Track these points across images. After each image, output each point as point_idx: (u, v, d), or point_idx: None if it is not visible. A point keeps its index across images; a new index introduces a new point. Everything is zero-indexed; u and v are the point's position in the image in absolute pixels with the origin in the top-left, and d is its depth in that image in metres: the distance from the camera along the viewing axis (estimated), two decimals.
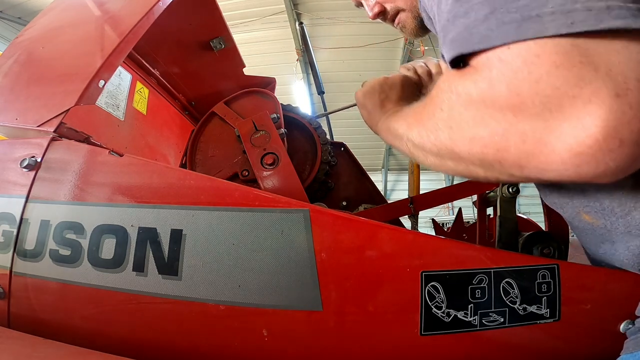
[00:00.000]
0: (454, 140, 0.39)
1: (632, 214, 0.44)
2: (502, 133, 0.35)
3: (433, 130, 0.42)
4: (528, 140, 0.33)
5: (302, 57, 7.80)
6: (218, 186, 0.62)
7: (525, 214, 1.91)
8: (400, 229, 0.60)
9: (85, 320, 0.61)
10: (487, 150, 0.36)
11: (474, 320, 0.55)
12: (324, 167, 1.04)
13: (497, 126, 0.35)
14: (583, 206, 0.49)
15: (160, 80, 1.29)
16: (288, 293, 0.56)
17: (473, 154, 0.38)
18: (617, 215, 0.46)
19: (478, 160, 0.38)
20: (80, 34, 0.82)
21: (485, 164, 0.38)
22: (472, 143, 0.37)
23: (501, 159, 0.36)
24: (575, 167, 0.32)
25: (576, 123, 0.30)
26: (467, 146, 0.38)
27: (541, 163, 0.33)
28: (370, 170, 10.28)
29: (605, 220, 0.48)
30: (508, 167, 0.36)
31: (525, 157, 0.34)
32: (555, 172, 0.33)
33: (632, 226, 0.45)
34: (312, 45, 2.16)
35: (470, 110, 0.37)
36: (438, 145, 0.42)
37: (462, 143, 0.39)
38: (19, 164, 0.67)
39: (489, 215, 1.07)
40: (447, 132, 0.40)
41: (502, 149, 0.35)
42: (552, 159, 0.32)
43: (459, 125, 0.38)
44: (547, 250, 0.72)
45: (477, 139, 0.37)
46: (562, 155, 0.32)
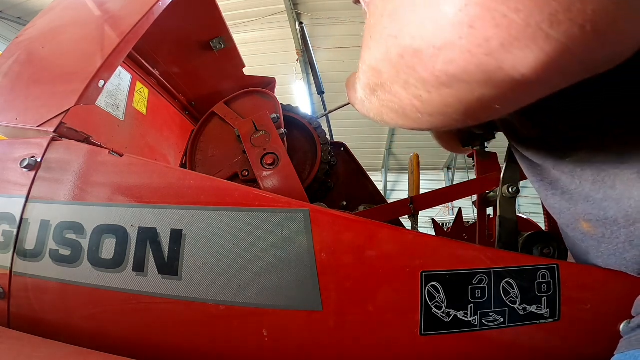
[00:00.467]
0: (372, 50, 0.34)
1: (635, 225, 0.44)
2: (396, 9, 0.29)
3: (362, 56, 0.37)
4: (416, 7, 0.27)
5: (302, 57, 7.80)
6: (218, 186, 0.62)
7: (525, 214, 1.91)
8: (400, 229, 0.60)
9: (85, 320, 0.61)
10: (390, 42, 0.30)
11: (474, 320, 0.55)
12: (324, 167, 1.04)
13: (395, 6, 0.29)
14: (585, 214, 0.49)
15: (160, 80, 1.29)
16: (288, 293, 0.56)
17: (384, 59, 0.32)
18: (619, 225, 0.45)
19: (389, 66, 0.32)
20: (80, 34, 0.82)
21: (395, 68, 0.31)
22: (381, 43, 0.32)
23: (401, 48, 0.29)
24: (468, 28, 0.24)
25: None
26: (380, 50, 0.32)
27: (433, 36, 0.26)
28: (370, 170, 10.29)
29: (605, 230, 0.47)
30: (410, 60, 0.29)
31: (417, 30, 0.27)
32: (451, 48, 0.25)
33: (634, 236, 0.45)
34: (312, 45, 2.16)
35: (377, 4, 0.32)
36: (365, 71, 0.37)
37: (376, 49, 0.33)
38: (19, 164, 0.67)
39: (489, 215, 1.07)
40: (367, 44, 0.35)
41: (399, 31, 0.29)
42: (441, 23, 0.25)
43: (373, 25, 0.33)
44: (547, 250, 0.72)
45: (383, 33, 0.31)
46: (447, 13, 0.24)
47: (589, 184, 0.47)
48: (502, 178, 0.74)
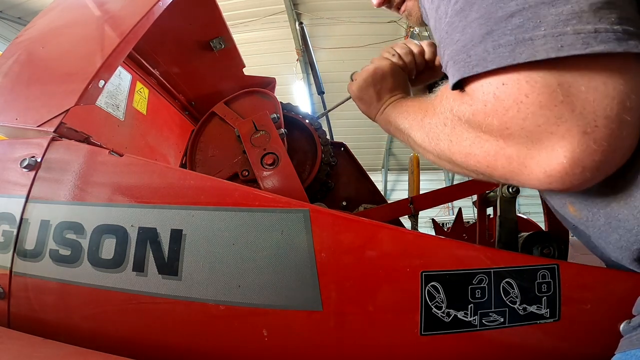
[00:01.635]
0: (452, 152, 0.47)
1: (611, 205, 0.45)
2: (493, 155, 0.42)
3: (435, 138, 0.50)
4: (513, 162, 0.41)
5: (302, 57, 7.80)
6: (218, 186, 0.62)
7: (525, 214, 1.91)
8: (400, 229, 0.60)
9: (85, 320, 0.61)
10: (479, 165, 0.44)
11: (474, 320, 0.55)
12: (324, 167, 1.04)
13: (490, 148, 0.42)
14: (569, 196, 0.51)
15: (160, 80, 1.29)
16: (288, 293, 0.56)
17: (468, 165, 0.46)
18: (598, 206, 0.47)
19: (472, 170, 0.46)
20: (80, 34, 0.82)
21: (477, 173, 0.46)
22: (467, 157, 0.45)
23: (491, 172, 0.44)
24: (547, 184, 0.40)
25: (551, 153, 0.38)
26: (464, 158, 0.46)
27: (522, 180, 0.42)
28: (370, 170, 10.28)
29: (587, 212, 0.49)
30: (496, 178, 0.45)
31: (509, 174, 0.42)
32: (531, 186, 0.42)
33: (611, 217, 0.46)
34: (312, 45, 2.16)
35: (468, 132, 0.44)
36: (438, 151, 0.50)
37: (459, 155, 0.46)
38: (19, 164, 0.67)
39: (489, 215, 1.07)
40: (447, 144, 0.48)
41: (491, 166, 0.43)
42: (531, 178, 0.41)
43: (459, 142, 0.46)
44: (547, 250, 0.72)
45: (472, 155, 0.44)
46: (538, 176, 0.40)
47: None
48: None
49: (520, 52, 0.37)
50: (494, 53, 0.38)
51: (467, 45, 0.41)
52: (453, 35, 0.43)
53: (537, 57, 0.36)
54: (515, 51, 0.37)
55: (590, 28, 0.34)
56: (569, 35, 0.35)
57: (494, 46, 0.38)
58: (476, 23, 0.40)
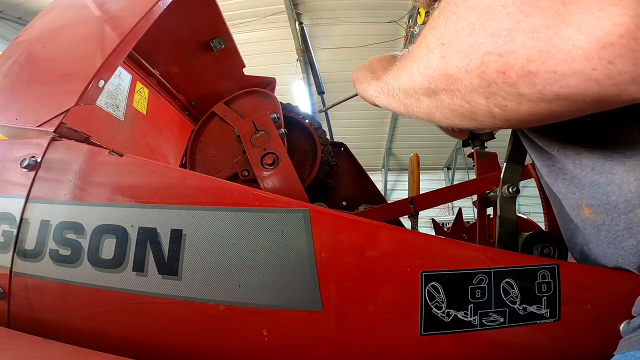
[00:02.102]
0: (447, 58, 0.33)
1: (635, 211, 0.44)
2: (507, 33, 0.28)
3: (423, 56, 0.36)
4: (540, 35, 0.27)
5: (302, 57, 7.80)
6: (218, 186, 0.62)
7: (525, 214, 1.91)
8: (400, 229, 0.60)
9: (85, 320, 0.61)
10: (488, 59, 0.30)
11: (474, 320, 0.55)
12: (324, 167, 1.04)
13: (501, 26, 0.28)
14: (589, 198, 0.49)
15: (160, 80, 1.29)
16: (288, 293, 0.56)
17: (471, 70, 0.31)
18: (619, 211, 0.46)
19: (477, 77, 0.31)
20: (80, 34, 0.82)
21: (486, 80, 0.31)
22: (469, 55, 0.31)
23: (506, 66, 0.29)
24: (607, 63, 0.25)
25: (599, 14, 0.25)
26: (464, 60, 0.32)
27: (559, 62, 0.27)
28: (370, 170, 10.29)
29: (606, 216, 0.48)
30: (515, 78, 0.29)
31: (537, 56, 0.27)
32: (579, 76, 0.27)
33: (633, 223, 0.45)
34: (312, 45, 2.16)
35: (467, 17, 0.31)
36: (429, 74, 0.36)
37: (457, 59, 0.32)
38: (19, 164, 0.67)
39: (489, 215, 1.07)
40: (438, 51, 0.34)
41: (507, 51, 0.28)
42: (574, 54, 0.26)
43: (454, 38, 0.32)
44: (547, 250, 0.72)
45: (475, 47, 0.30)
46: (586, 48, 0.25)
47: (589, 169, 0.48)
48: (502, 178, 0.74)
49: None
50: None
51: None
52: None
53: None
54: None
55: None
56: None
57: None
58: None
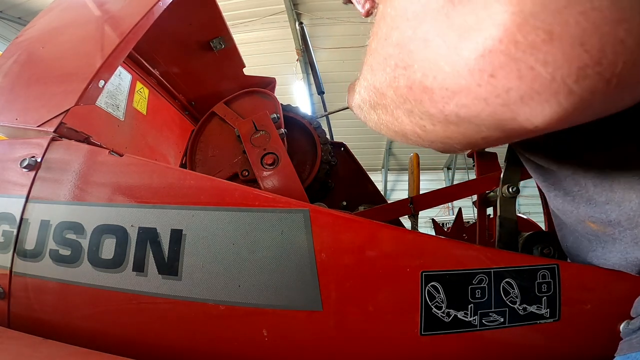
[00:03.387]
0: (374, 70, 0.33)
1: (639, 227, 0.44)
2: (408, 41, 0.27)
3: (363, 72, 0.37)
4: (431, 44, 0.25)
5: (302, 57, 7.79)
6: (218, 186, 0.62)
7: (525, 214, 1.91)
8: (400, 229, 0.60)
9: (85, 320, 0.61)
10: (397, 73, 0.29)
11: (474, 320, 0.55)
12: (324, 167, 1.04)
13: (402, 35, 0.28)
14: (588, 216, 0.49)
15: (160, 80, 1.29)
16: (288, 293, 0.56)
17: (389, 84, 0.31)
18: (624, 227, 0.45)
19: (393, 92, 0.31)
20: (80, 34, 0.82)
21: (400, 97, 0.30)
22: (385, 68, 0.31)
23: (410, 81, 0.28)
24: (489, 76, 0.22)
25: (483, 13, 0.21)
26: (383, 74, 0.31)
27: (447, 77, 0.25)
28: (370, 170, 10.28)
29: (613, 229, 0.47)
30: (418, 94, 0.28)
31: (429, 69, 0.26)
32: (467, 94, 0.24)
33: (639, 238, 0.45)
34: (312, 45, 2.16)
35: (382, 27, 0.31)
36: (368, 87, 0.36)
37: (380, 71, 0.32)
38: (19, 164, 0.67)
39: (489, 215, 1.07)
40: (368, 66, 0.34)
41: (407, 64, 0.28)
42: (459, 67, 0.23)
43: (376, 48, 0.32)
44: (547, 250, 0.72)
45: (387, 58, 0.30)
46: (468, 59, 0.23)
47: (591, 187, 0.47)
48: (502, 178, 0.74)
49: None
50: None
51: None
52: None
53: None
54: None
55: None
56: None
57: None
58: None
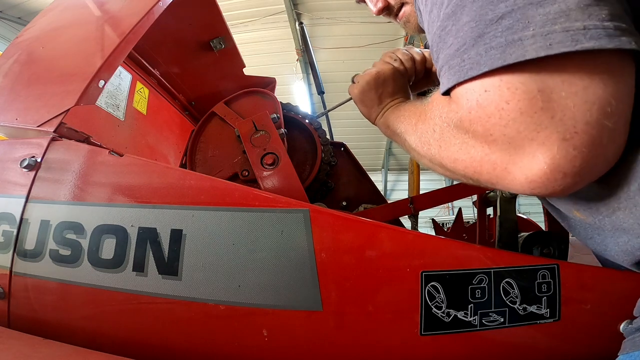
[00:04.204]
0: (442, 156, 0.48)
1: (616, 214, 0.46)
2: (479, 160, 0.43)
3: (426, 143, 0.51)
4: (497, 168, 0.42)
5: (302, 57, 7.80)
6: (218, 186, 0.62)
7: (525, 214, 1.91)
8: (400, 229, 0.60)
9: (85, 320, 0.61)
10: (467, 171, 0.46)
11: (474, 320, 0.55)
12: (324, 167, 1.04)
13: (475, 154, 0.43)
14: (573, 203, 0.51)
15: (161, 80, 1.29)
16: (288, 293, 0.56)
17: (457, 170, 0.47)
18: (603, 214, 0.47)
19: (461, 174, 0.48)
20: (80, 34, 0.82)
21: (466, 178, 0.47)
22: (455, 162, 0.46)
23: (478, 178, 0.45)
24: (530, 189, 0.41)
25: (531, 159, 0.38)
26: (452, 164, 0.47)
27: (506, 184, 0.43)
28: (370, 170, 10.28)
29: (594, 218, 0.49)
30: (483, 182, 0.46)
31: (495, 179, 0.43)
32: (515, 190, 0.43)
33: (616, 225, 0.46)
34: (312, 45, 2.16)
35: (455, 138, 0.45)
36: (430, 156, 0.51)
37: (448, 160, 0.48)
38: (19, 164, 0.67)
39: (489, 215, 1.07)
40: (437, 149, 0.49)
41: (478, 172, 0.44)
42: (514, 183, 0.41)
43: (447, 147, 0.47)
44: (547, 250, 0.72)
45: (459, 160, 0.46)
46: (520, 181, 0.40)
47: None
48: None
49: (511, 52, 0.37)
50: (486, 56, 0.39)
51: (460, 49, 0.42)
52: (446, 39, 0.44)
53: (527, 56, 0.36)
54: (505, 52, 0.37)
55: (579, 25, 0.34)
56: (558, 33, 0.35)
57: (485, 49, 0.39)
58: (468, 26, 0.41)
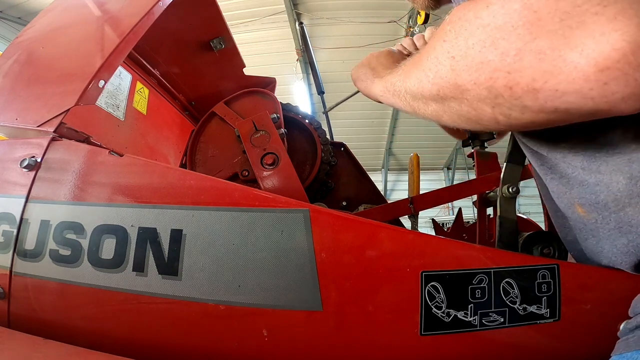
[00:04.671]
0: (457, 71, 0.36)
1: (625, 210, 0.44)
2: (516, 52, 0.32)
3: (433, 66, 0.40)
4: (546, 57, 0.31)
5: (302, 57, 7.80)
6: (218, 186, 0.62)
7: (525, 214, 1.91)
8: (400, 229, 0.60)
9: (85, 320, 0.61)
10: (496, 75, 0.33)
11: (474, 320, 0.55)
12: (324, 167, 1.04)
13: (510, 46, 0.32)
14: (579, 197, 0.49)
15: (161, 80, 1.29)
16: (288, 293, 0.56)
17: (480, 83, 0.35)
18: (610, 210, 0.46)
19: (485, 89, 0.35)
20: (80, 34, 0.82)
21: (493, 93, 0.35)
22: (478, 70, 0.34)
23: (513, 83, 0.33)
24: (602, 84, 0.29)
25: (601, 38, 0.29)
26: (473, 75, 0.35)
27: (561, 82, 0.31)
28: (370, 170, 10.28)
29: (597, 215, 0.48)
30: (520, 93, 0.33)
31: (541, 76, 0.31)
32: (577, 94, 0.31)
33: (623, 222, 0.45)
34: (312, 45, 2.16)
35: (478, 35, 0.34)
36: (439, 83, 0.39)
37: (466, 72, 0.36)
38: (19, 164, 0.67)
39: (489, 215, 1.07)
40: (448, 64, 0.37)
41: (514, 69, 0.32)
42: (575, 76, 0.30)
43: (465, 53, 0.35)
44: (547, 250, 0.72)
45: (485, 63, 0.34)
46: (586, 71, 0.29)
47: (580, 170, 0.48)
48: (502, 178, 0.74)
49: None
50: None
51: None
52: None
53: None
54: None
55: None
56: None
57: None
58: None
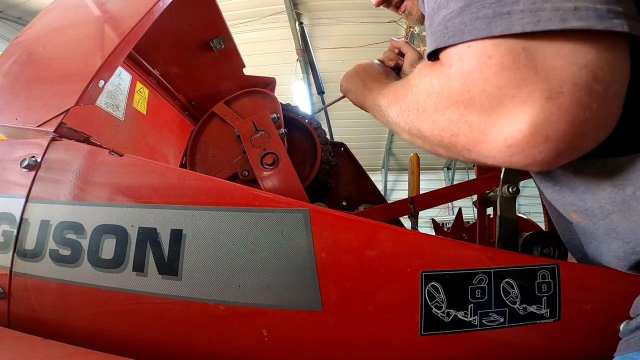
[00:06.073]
0: (420, 121, 0.45)
1: (610, 217, 0.45)
2: (455, 121, 0.40)
3: (405, 110, 0.48)
4: (474, 129, 0.38)
5: (302, 57, 7.79)
6: (218, 186, 0.62)
7: (525, 214, 1.91)
8: (400, 229, 0.60)
9: (85, 320, 0.61)
10: (444, 134, 0.42)
11: (474, 320, 0.55)
12: (324, 167, 1.04)
13: (452, 115, 0.40)
14: (571, 204, 0.50)
15: (160, 80, 1.29)
16: (288, 293, 0.56)
17: (434, 136, 0.43)
18: (597, 217, 0.47)
19: (438, 141, 0.43)
20: (80, 34, 0.82)
21: (444, 145, 0.43)
22: (433, 126, 0.43)
23: (455, 142, 0.41)
24: (508, 156, 0.37)
25: (511, 119, 0.35)
26: (430, 128, 0.43)
27: (483, 149, 0.39)
28: (370, 170, 10.27)
29: (589, 221, 0.49)
30: (460, 149, 0.41)
31: (472, 143, 0.39)
32: (493, 159, 0.39)
33: (610, 229, 0.46)
34: (312, 45, 2.16)
35: (432, 99, 0.42)
36: (409, 125, 0.48)
37: (425, 125, 0.44)
38: (19, 164, 0.67)
39: (489, 215, 1.07)
40: (414, 114, 0.46)
41: (454, 134, 0.40)
42: (491, 147, 0.38)
43: (424, 110, 0.44)
44: (547, 250, 0.72)
45: (436, 123, 0.42)
46: (498, 145, 0.37)
47: (572, 175, 0.49)
48: (502, 178, 0.74)
49: (497, 25, 0.35)
50: (470, 25, 0.37)
51: (446, 17, 0.40)
52: (439, 11, 0.41)
53: (512, 30, 0.34)
54: (491, 24, 0.35)
55: (570, 5, 0.33)
56: (547, 11, 0.33)
57: (471, 18, 0.37)
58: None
